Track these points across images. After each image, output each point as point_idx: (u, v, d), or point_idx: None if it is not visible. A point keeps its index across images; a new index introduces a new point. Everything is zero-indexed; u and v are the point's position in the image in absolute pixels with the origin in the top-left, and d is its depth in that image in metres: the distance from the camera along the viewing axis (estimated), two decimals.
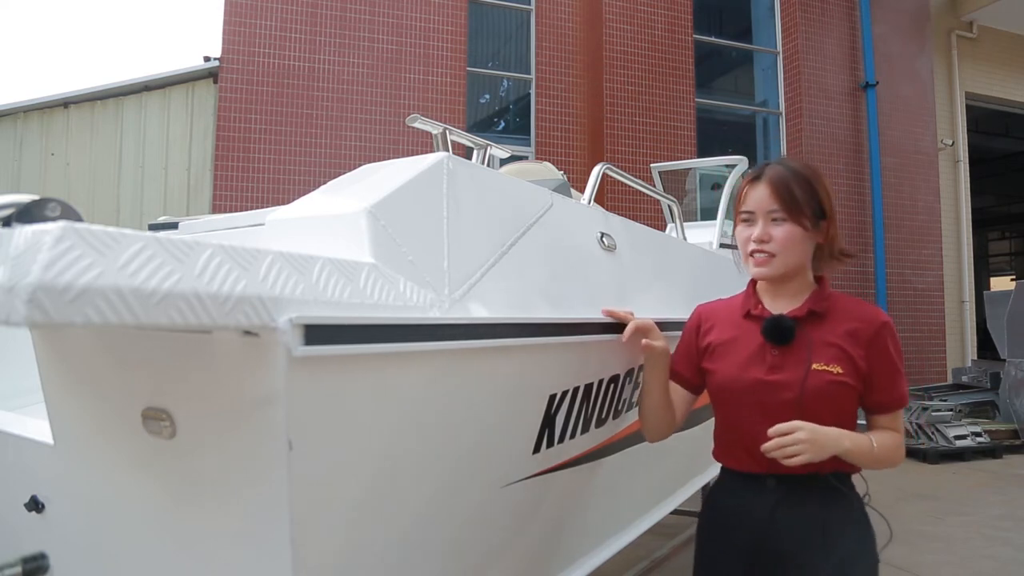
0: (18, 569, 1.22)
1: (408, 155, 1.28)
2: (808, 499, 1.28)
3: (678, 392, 1.48)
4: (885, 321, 1.31)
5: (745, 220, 1.37)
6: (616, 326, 1.49)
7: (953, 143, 8.81)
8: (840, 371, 1.26)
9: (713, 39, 8.15)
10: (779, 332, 1.30)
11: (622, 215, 1.91)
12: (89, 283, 0.61)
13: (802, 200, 1.31)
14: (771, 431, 1.21)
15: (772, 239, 1.32)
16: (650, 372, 1.47)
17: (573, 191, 2.33)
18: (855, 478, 1.36)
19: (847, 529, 1.29)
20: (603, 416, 1.67)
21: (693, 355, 1.46)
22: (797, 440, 1.18)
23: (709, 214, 3.93)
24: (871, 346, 1.28)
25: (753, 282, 1.43)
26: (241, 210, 4.70)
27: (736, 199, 1.41)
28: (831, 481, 1.29)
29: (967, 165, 9.00)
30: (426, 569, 1.23)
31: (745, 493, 1.33)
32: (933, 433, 5.81)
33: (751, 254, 1.35)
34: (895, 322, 1.36)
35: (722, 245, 3.19)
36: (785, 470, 1.25)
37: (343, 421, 0.94)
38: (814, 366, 1.26)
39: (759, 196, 1.34)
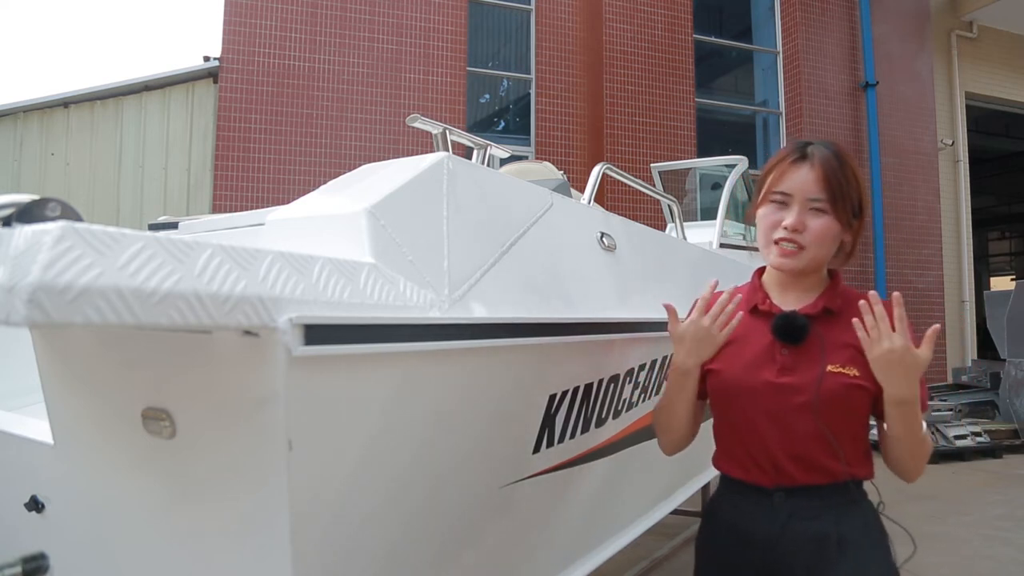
0: (18, 569, 1.22)
1: (408, 155, 1.28)
2: (821, 513, 1.16)
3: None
4: None
5: (777, 202, 1.21)
6: (615, 326, 1.49)
7: (953, 143, 8.81)
8: (856, 373, 1.15)
9: (713, 39, 8.15)
10: (792, 331, 1.18)
11: (622, 215, 1.90)
12: (89, 283, 0.60)
13: (847, 195, 1.18)
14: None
15: (807, 230, 1.18)
16: (680, 389, 1.29)
17: (573, 191, 2.33)
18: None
19: (863, 543, 1.17)
20: (603, 416, 1.67)
21: None
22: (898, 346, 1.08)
23: (709, 214, 3.93)
24: None
25: (759, 273, 1.32)
26: (241, 210, 4.69)
27: (764, 175, 1.25)
28: (848, 490, 1.17)
29: (967, 165, 9.01)
30: (425, 569, 1.23)
31: (750, 508, 1.20)
32: (933, 433, 5.81)
33: (777, 241, 1.20)
34: None
35: (722, 245, 3.20)
36: (795, 483, 1.16)
37: (343, 421, 0.94)
38: (829, 368, 1.15)
39: (803, 179, 1.18)
